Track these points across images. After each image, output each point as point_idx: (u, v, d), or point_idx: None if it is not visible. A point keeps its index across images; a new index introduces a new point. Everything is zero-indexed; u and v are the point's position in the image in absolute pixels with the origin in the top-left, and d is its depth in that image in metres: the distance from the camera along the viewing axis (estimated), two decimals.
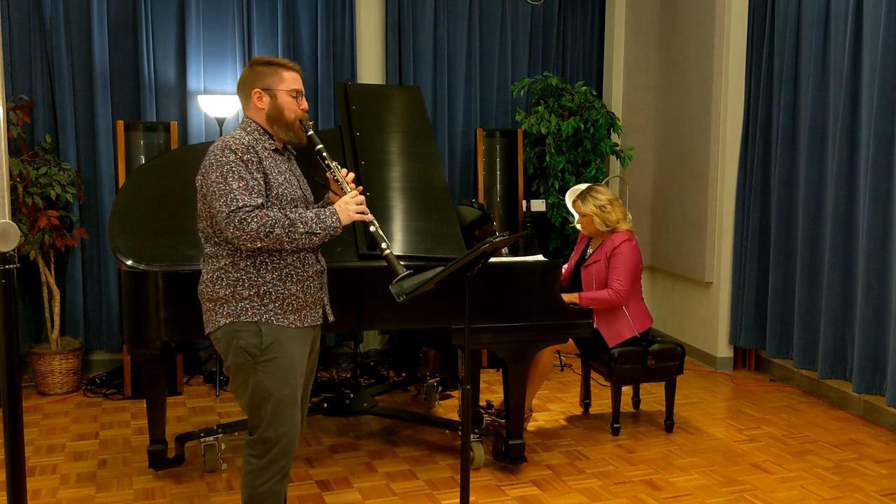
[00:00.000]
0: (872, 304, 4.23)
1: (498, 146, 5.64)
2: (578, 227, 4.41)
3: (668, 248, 5.89)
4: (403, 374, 5.12)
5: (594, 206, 4.20)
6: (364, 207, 2.71)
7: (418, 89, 4.67)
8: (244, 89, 2.72)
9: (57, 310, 4.84)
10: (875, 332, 4.24)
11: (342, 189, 2.76)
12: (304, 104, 2.74)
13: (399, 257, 3.59)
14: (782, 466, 3.85)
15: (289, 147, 2.80)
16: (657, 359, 4.20)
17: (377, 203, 3.79)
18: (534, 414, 4.43)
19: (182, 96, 5.20)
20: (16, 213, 4.53)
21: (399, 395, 4.93)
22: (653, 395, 4.83)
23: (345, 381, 4.96)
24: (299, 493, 3.48)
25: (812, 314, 4.74)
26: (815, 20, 4.64)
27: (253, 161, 2.57)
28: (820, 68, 4.65)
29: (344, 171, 2.80)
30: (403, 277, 2.67)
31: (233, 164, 2.54)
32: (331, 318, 2.81)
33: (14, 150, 4.79)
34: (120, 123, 4.85)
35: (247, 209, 2.50)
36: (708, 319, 5.57)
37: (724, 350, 5.48)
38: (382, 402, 4.52)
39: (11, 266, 1.90)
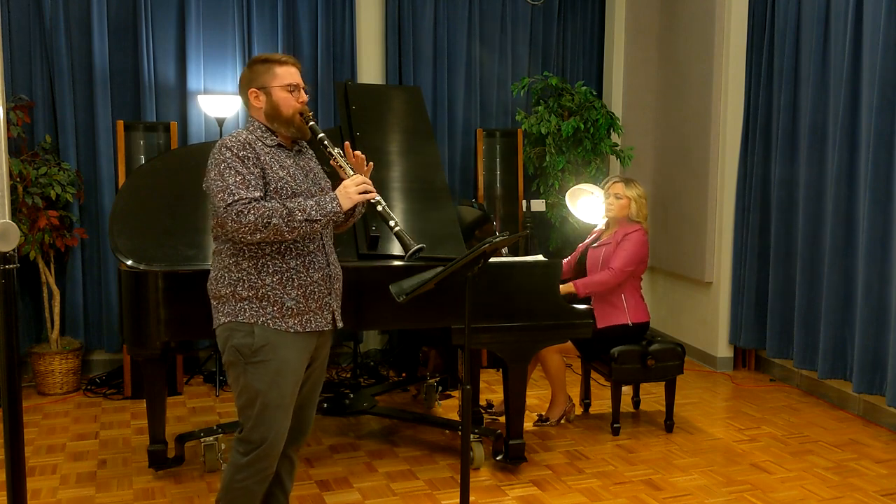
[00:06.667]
0: (872, 304, 4.23)
1: (498, 146, 5.64)
2: (601, 221, 4.54)
3: (668, 248, 5.89)
4: (403, 374, 5.12)
5: (637, 193, 4.39)
6: (367, 187, 2.64)
7: (418, 89, 4.67)
8: (243, 90, 2.73)
9: (57, 310, 4.84)
10: (875, 333, 4.24)
11: (346, 173, 2.70)
12: (303, 97, 2.70)
13: (399, 257, 3.64)
14: (782, 466, 3.85)
15: (299, 142, 2.76)
16: (657, 359, 4.20)
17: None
18: (532, 413, 4.43)
19: (182, 96, 5.20)
20: (16, 213, 4.53)
21: (399, 395, 4.93)
22: (653, 395, 4.83)
23: (345, 381, 4.96)
24: (299, 493, 3.48)
25: (812, 314, 4.74)
26: (815, 20, 4.64)
27: (249, 157, 2.57)
28: (820, 68, 4.65)
29: (351, 153, 2.73)
30: (415, 251, 2.66)
31: (229, 161, 2.56)
32: (339, 324, 2.78)
33: (14, 150, 4.79)
34: (120, 123, 4.85)
35: (243, 201, 2.50)
36: (708, 319, 5.56)
37: (724, 350, 5.48)
38: (382, 402, 4.52)
39: (11, 266, 1.90)
